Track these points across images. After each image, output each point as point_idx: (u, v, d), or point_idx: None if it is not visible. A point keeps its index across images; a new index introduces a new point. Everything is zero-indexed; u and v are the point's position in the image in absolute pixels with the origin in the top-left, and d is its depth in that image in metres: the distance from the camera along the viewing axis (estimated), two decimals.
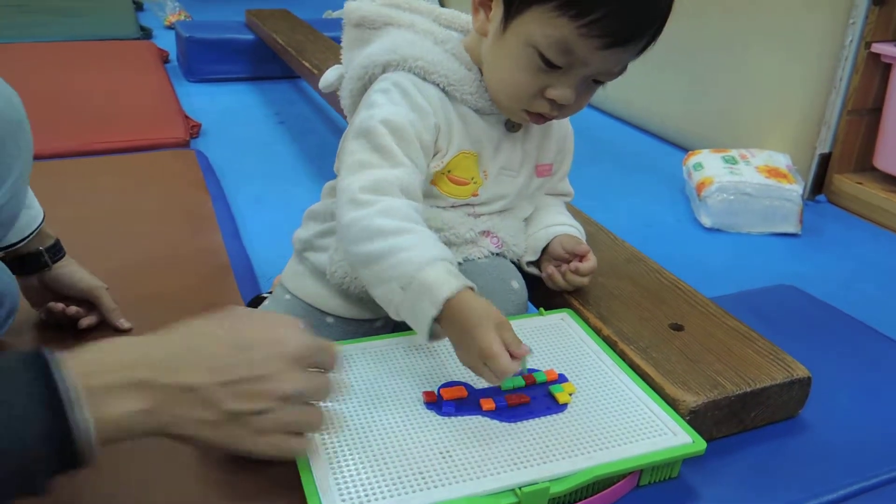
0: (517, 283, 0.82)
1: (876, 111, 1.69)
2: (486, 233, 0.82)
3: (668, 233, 1.57)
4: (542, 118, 0.75)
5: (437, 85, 0.76)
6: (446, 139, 0.77)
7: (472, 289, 0.64)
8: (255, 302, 0.88)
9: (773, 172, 1.60)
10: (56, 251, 0.95)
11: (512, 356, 0.61)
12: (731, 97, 1.92)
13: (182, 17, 3.34)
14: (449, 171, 0.78)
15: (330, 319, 0.83)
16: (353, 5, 0.80)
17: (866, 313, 1.05)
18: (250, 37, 2.60)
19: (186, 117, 1.98)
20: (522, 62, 0.69)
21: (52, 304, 0.97)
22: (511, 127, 0.80)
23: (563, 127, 0.89)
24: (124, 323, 0.98)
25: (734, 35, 1.88)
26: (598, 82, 0.72)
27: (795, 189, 1.55)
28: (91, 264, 1.01)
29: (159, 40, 3.01)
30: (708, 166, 1.65)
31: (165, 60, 2.72)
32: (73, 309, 0.97)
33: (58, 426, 0.47)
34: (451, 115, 0.77)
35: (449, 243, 0.79)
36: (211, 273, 1.15)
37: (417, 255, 0.64)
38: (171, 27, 3.21)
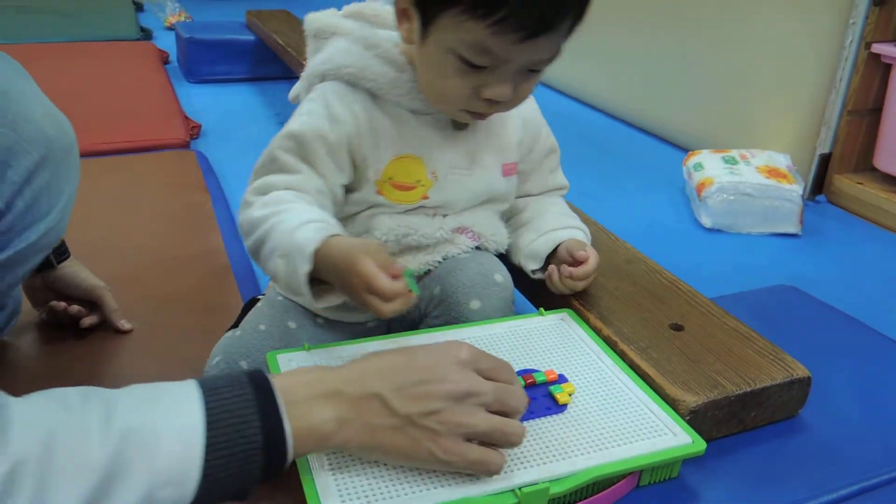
0: (500, 276, 0.80)
1: (876, 111, 1.69)
2: (460, 229, 0.82)
3: (669, 233, 1.57)
4: (483, 115, 0.75)
5: (368, 90, 0.76)
6: (372, 147, 0.77)
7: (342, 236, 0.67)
8: (251, 304, 0.88)
9: (774, 173, 1.60)
10: (61, 252, 0.96)
11: (392, 277, 0.62)
12: (731, 97, 1.92)
13: (182, 18, 3.34)
14: (390, 178, 0.77)
15: (320, 321, 0.83)
16: (311, 17, 0.82)
17: (866, 313, 1.05)
18: (250, 37, 2.59)
19: (186, 118, 1.98)
20: (448, 68, 0.69)
21: (54, 303, 0.97)
22: (457, 125, 0.80)
23: (528, 125, 0.87)
24: (125, 324, 0.99)
25: (734, 35, 1.88)
26: (534, 71, 0.71)
27: (795, 189, 1.55)
28: (92, 264, 1.01)
29: (159, 41, 3.01)
30: (708, 167, 1.65)
31: (166, 61, 2.72)
32: (74, 308, 0.97)
33: (272, 434, 0.53)
34: (382, 121, 0.77)
35: (419, 246, 0.80)
36: (211, 273, 1.15)
37: (288, 226, 0.67)
38: (171, 28, 3.21)
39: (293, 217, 0.68)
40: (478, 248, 0.84)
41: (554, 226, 0.87)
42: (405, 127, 0.77)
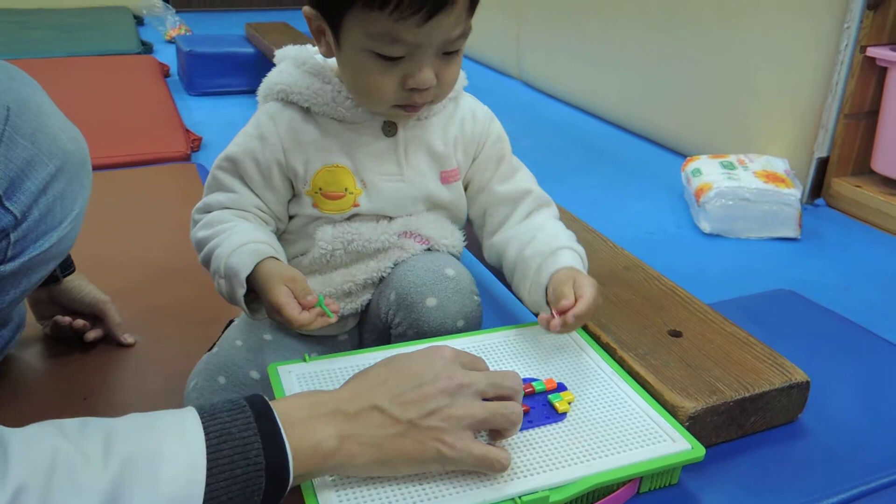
0: (452, 270, 0.79)
1: (873, 114, 1.69)
2: (406, 234, 0.82)
3: (668, 239, 1.57)
4: (416, 107, 0.75)
5: (298, 104, 0.79)
6: (301, 160, 0.79)
7: (275, 258, 0.74)
8: (228, 326, 0.89)
9: (772, 177, 1.61)
10: (67, 265, 0.97)
11: (303, 306, 0.71)
12: (728, 103, 1.93)
13: (182, 32, 3.37)
14: (320, 189, 0.79)
15: (293, 333, 0.84)
16: (279, 50, 0.85)
17: (865, 317, 1.06)
18: (250, 50, 2.61)
19: (187, 131, 1.99)
20: (367, 67, 0.71)
21: (58, 317, 0.98)
22: (388, 131, 0.81)
23: (473, 132, 0.86)
24: (128, 338, 1.00)
25: (730, 41, 1.89)
26: (450, 53, 0.72)
27: (794, 193, 1.56)
28: (95, 277, 1.02)
29: (160, 54, 3.03)
30: (706, 172, 1.65)
31: (166, 74, 2.74)
32: (79, 322, 0.98)
33: (274, 455, 0.53)
34: (310, 133, 0.79)
35: (367, 252, 0.81)
36: (213, 286, 1.15)
37: (225, 249, 0.75)
38: (171, 41, 3.24)
39: (230, 240, 0.75)
40: (429, 250, 0.84)
41: (536, 264, 0.80)
42: (333, 137, 0.79)
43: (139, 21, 3.73)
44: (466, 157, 0.86)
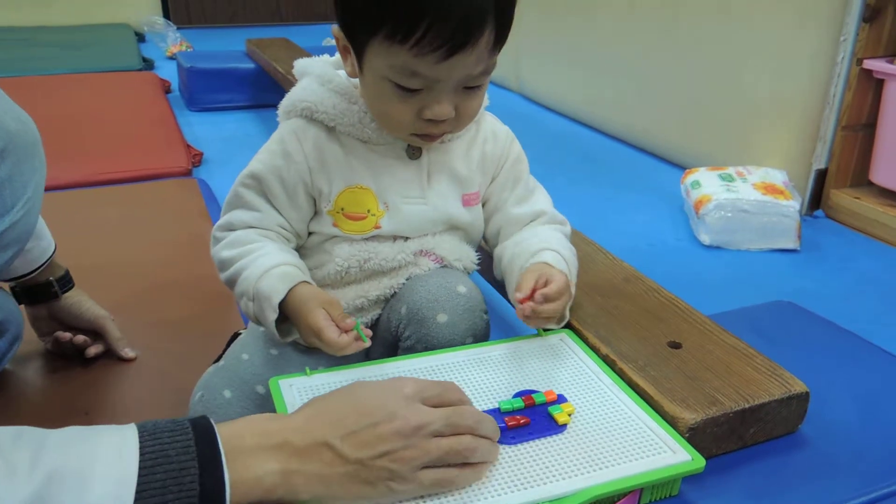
0: (464, 287, 0.79)
1: (870, 126, 1.70)
2: (422, 252, 0.82)
3: (668, 251, 1.58)
4: (433, 137, 0.76)
5: (323, 123, 0.79)
6: (324, 179, 0.79)
7: (307, 282, 0.75)
8: (234, 338, 0.89)
9: (770, 189, 1.62)
10: (66, 282, 0.97)
11: (341, 329, 0.71)
12: (726, 115, 1.94)
13: (183, 48, 3.39)
14: (342, 209, 0.79)
15: (300, 347, 0.83)
16: (297, 62, 0.85)
17: (865, 327, 1.06)
18: (251, 66, 2.63)
19: (188, 146, 2.01)
20: (385, 95, 0.72)
21: (59, 333, 0.98)
22: (412, 154, 0.81)
23: (493, 152, 0.86)
24: (129, 352, 1.00)
25: (729, 54, 1.91)
26: (472, 88, 0.72)
27: (793, 205, 1.56)
28: (95, 293, 1.02)
29: (161, 71, 3.05)
30: (705, 184, 1.66)
31: (167, 90, 2.76)
32: (80, 338, 0.98)
33: (210, 483, 0.51)
34: (334, 153, 0.79)
35: (382, 270, 0.81)
36: (214, 301, 1.16)
37: (254, 272, 0.75)
38: (172, 58, 3.26)
39: (258, 263, 0.75)
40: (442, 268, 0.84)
41: (518, 265, 0.83)
42: (357, 158, 0.79)
43: (140, 38, 3.76)
44: (485, 176, 0.87)
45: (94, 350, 0.99)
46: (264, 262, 0.75)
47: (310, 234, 0.83)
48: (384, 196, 0.80)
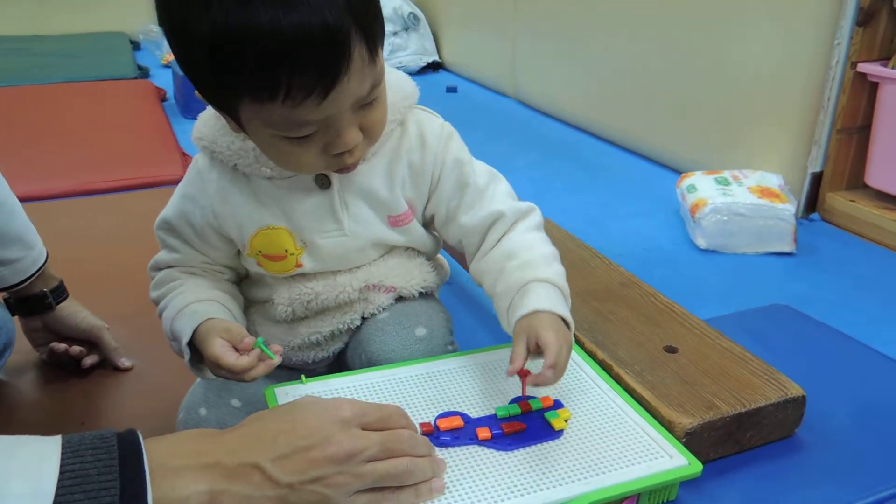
0: (423, 330, 0.76)
1: (865, 129, 1.71)
2: (369, 287, 0.77)
3: (665, 255, 1.57)
4: (350, 166, 0.68)
5: (225, 162, 0.73)
6: (233, 224, 0.74)
7: (212, 318, 0.72)
8: None
9: (766, 192, 1.62)
10: (60, 292, 0.97)
11: (240, 350, 0.68)
12: (722, 120, 1.94)
13: None
14: (260, 251, 0.75)
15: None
16: None
17: (861, 331, 1.06)
18: None
19: (184, 154, 2.00)
20: (279, 147, 0.65)
21: (54, 344, 0.98)
22: (321, 184, 0.73)
23: (423, 162, 0.76)
24: (125, 362, 1.00)
25: (723, 59, 1.91)
26: (368, 104, 0.64)
27: (788, 208, 1.56)
28: (90, 304, 1.02)
29: (156, 79, 3.04)
30: (701, 188, 1.66)
31: (163, 98, 2.75)
32: (75, 349, 0.98)
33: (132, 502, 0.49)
34: (240, 194, 0.73)
35: (329, 308, 0.77)
36: None
37: (170, 312, 0.74)
38: (167, 66, 3.25)
39: (173, 304, 0.74)
40: (401, 297, 0.80)
41: (505, 304, 0.74)
42: (265, 196, 0.73)
43: (135, 46, 3.75)
44: (419, 191, 0.78)
45: (89, 360, 0.98)
46: (177, 301, 0.74)
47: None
48: (300, 233, 0.74)
